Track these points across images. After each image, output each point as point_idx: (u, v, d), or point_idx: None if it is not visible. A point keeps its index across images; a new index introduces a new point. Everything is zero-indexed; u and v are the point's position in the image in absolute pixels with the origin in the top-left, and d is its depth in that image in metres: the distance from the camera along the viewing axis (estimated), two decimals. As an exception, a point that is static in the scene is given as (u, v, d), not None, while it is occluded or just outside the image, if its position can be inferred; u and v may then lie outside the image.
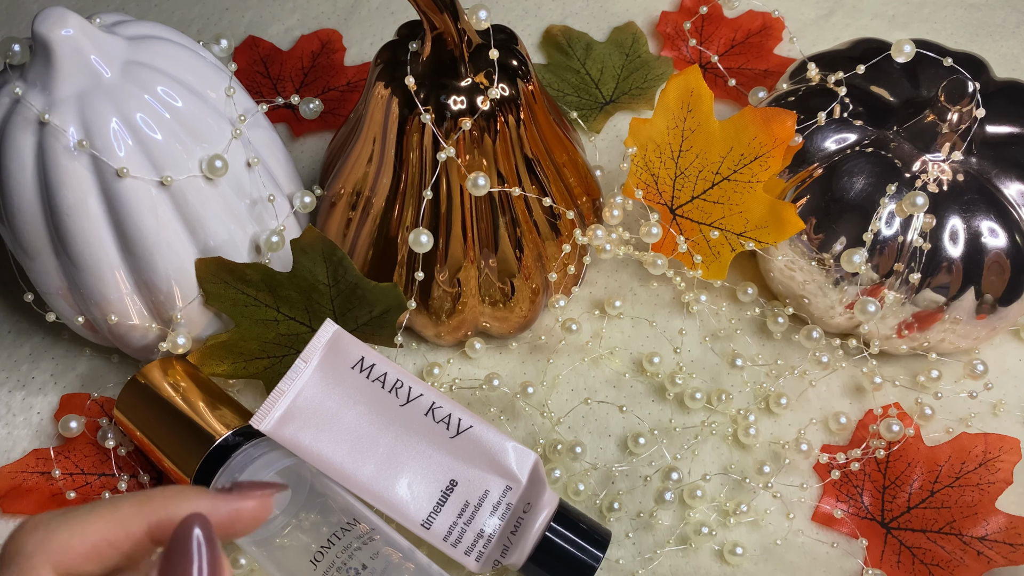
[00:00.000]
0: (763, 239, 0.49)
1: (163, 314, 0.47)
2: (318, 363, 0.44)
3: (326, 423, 0.43)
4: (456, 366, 0.52)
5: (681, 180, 0.51)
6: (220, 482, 0.42)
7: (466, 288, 0.48)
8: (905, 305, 0.47)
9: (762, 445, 0.49)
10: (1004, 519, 0.46)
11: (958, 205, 0.46)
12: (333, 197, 0.50)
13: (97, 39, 0.42)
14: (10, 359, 0.53)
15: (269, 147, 0.49)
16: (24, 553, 0.28)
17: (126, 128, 0.42)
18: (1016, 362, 0.52)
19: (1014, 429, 0.50)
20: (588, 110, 0.61)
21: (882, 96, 0.50)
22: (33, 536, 0.28)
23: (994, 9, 0.65)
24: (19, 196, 0.43)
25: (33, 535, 0.28)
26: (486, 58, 0.44)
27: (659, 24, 0.64)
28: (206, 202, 0.45)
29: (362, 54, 0.64)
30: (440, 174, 0.44)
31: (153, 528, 0.29)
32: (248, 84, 0.62)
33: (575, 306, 0.54)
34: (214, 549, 0.26)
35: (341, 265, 0.46)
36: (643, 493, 0.48)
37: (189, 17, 0.66)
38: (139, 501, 0.29)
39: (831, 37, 0.64)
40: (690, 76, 0.49)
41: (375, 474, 0.42)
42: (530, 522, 0.42)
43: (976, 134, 0.47)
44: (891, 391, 0.51)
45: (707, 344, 0.53)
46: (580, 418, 0.50)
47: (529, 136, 0.46)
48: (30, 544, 0.28)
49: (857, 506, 0.47)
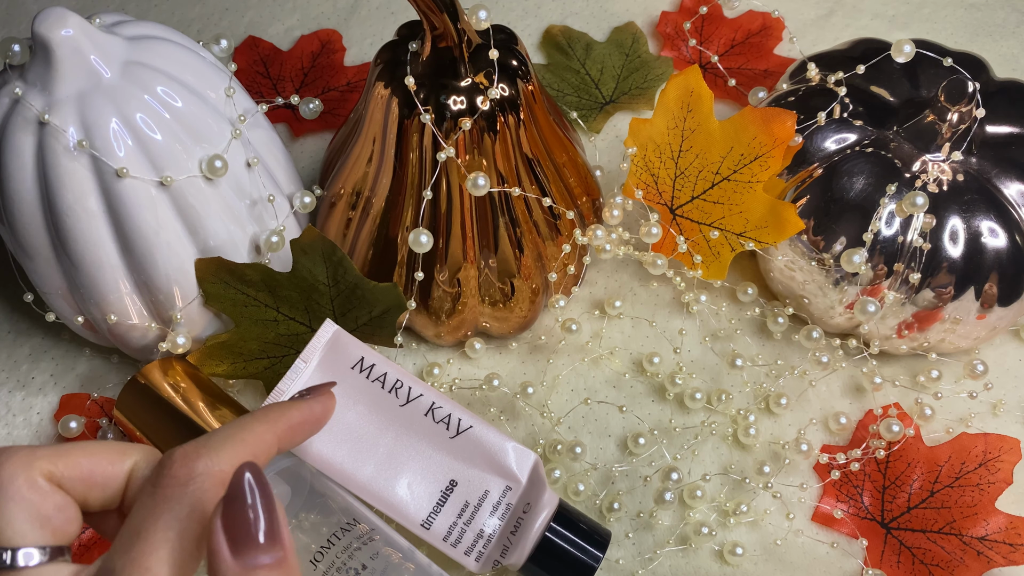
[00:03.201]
0: (763, 239, 0.49)
1: (163, 314, 0.47)
2: (318, 363, 0.44)
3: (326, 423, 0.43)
4: (456, 366, 0.52)
5: (681, 180, 0.51)
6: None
7: (466, 288, 0.48)
8: (905, 305, 0.47)
9: (762, 445, 0.49)
10: (1004, 519, 0.46)
11: (958, 205, 0.46)
12: (333, 197, 0.50)
13: (97, 39, 0.42)
14: (10, 359, 0.53)
15: (269, 147, 0.49)
16: (200, 475, 0.29)
17: (126, 128, 0.42)
18: (1016, 362, 0.52)
19: (1014, 429, 0.50)
20: (588, 110, 0.61)
21: (882, 96, 0.50)
22: (200, 460, 0.29)
23: (994, 9, 0.65)
24: (19, 196, 0.43)
25: (199, 459, 0.29)
26: (486, 58, 0.44)
27: (659, 24, 0.64)
28: (206, 202, 0.45)
29: (362, 54, 0.64)
30: (440, 174, 0.44)
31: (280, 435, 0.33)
32: (248, 84, 0.62)
33: (575, 306, 0.54)
34: (266, 489, 0.28)
35: (341, 265, 0.46)
36: (643, 493, 0.48)
37: (189, 17, 0.66)
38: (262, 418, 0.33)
39: (831, 37, 0.64)
40: (690, 76, 0.49)
41: (375, 474, 0.42)
42: (530, 522, 0.42)
43: (976, 134, 0.47)
44: (891, 391, 0.51)
45: (707, 344, 0.53)
46: (580, 418, 0.50)
47: (529, 136, 0.46)
48: (200, 466, 0.29)
49: (857, 506, 0.47)
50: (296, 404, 0.36)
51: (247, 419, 0.33)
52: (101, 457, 0.31)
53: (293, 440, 0.35)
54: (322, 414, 0.38)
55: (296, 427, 0.35)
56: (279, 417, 0.34)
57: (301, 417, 0.35)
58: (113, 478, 0.31)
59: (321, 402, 0.38)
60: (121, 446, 0.32)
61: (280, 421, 0.34)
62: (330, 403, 0.39)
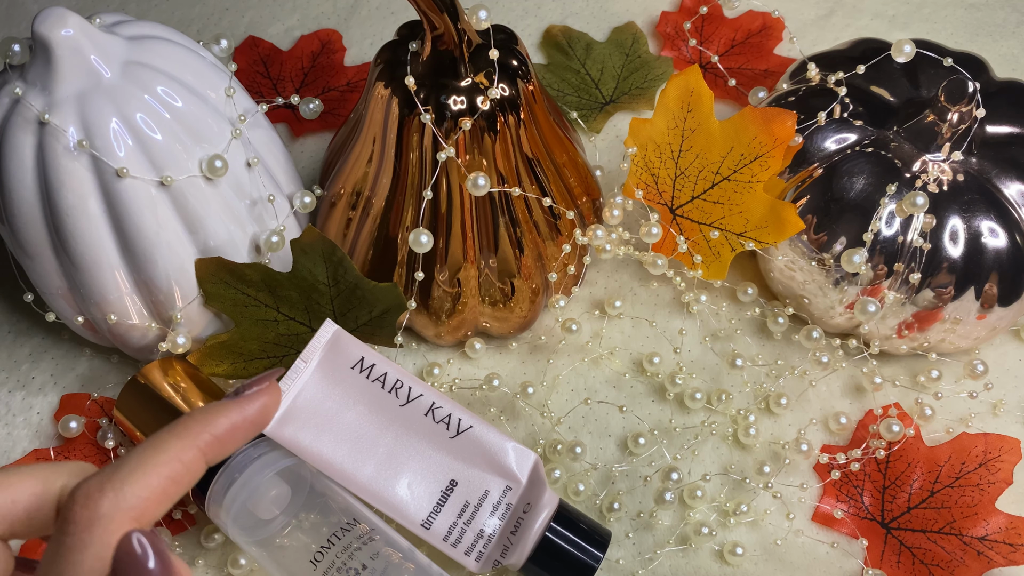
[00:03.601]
0: (763, 239, 0.49)
1: (163, 314, 0.47)
2: (318, 363, 0.44)
3: (326, 423, 0.43)
4: (456, 366, 0.52)
5: (681, 180, 0.51)
6: (219, 482, 0.42)
7: (466, 288, 0.48)
8: (905, 305, 0.47)
9: (762, 445, 0.49)
10: (1004, 519, 0.46)
11: (958, 205, 0.46)
12: (333, 197, 0.50)
13: (97, 39, 0.42)
14: (10, 359, 0.53)
15: (269, 147, 0.49)
16: (103, 516, 0.26)
17: (126, 128, 0.42)
18: (1016, 362, 0.52)
19: (1014, 429, 0.50)
20: (588, 110, 0.61)
21: (882, 96, 0.50)
22: (104, 499, 0.27)
23: (994, 9, 0.65)
24: (19, 196, 0.43)
25: (103, 498, 0.27)
26: (486, 58, 0.44)
27: (659, 24, 0.64)
28: (206, 202, 0.45)
29: (362, 54, 0.64)
30: (440, 174, 0.44)
31: (204, 449, 0.30)
32: (248, 84, 0.62)
33: (575, 306, 0.54)
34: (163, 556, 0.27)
35: (341, 265, 0.46)
36: (643, 493, 0.48)
37: (189, 17, 0.66)
38: (180, 433, 0.29)
39: (831, 37, 0.64)
40: (690, 76, 0.49)
41: (375, 474, 0.42)
42: (530, 522, 0.42)
43: (976, 134, 0.47)
44: (891, 391, 0.51)
45: (707, 344, 0.53)
46: (580, 418, 0.50)
47: (529, 136, 0.46)
48: (104, 506, 0.26)
49: (857, 506, 0.47)
50: (225, 409, 0.32)
51: (162, 436, 0.29)
52: (22, 487, 0.29)
53: (225, 450, 0.31)
54: (260, 415, 0.33)
55: (224, 437, 0.31)
56: (201, 429, 0.30)
57: (230, 424, 0.31)
58: (39, 508, 0.29)
59: (258, 402, 0.33)
60: (46, 470, 0.29)
61: (202, 434, 0.30)
62: (271, 400, 0.34)
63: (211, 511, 0.42)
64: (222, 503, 0.41)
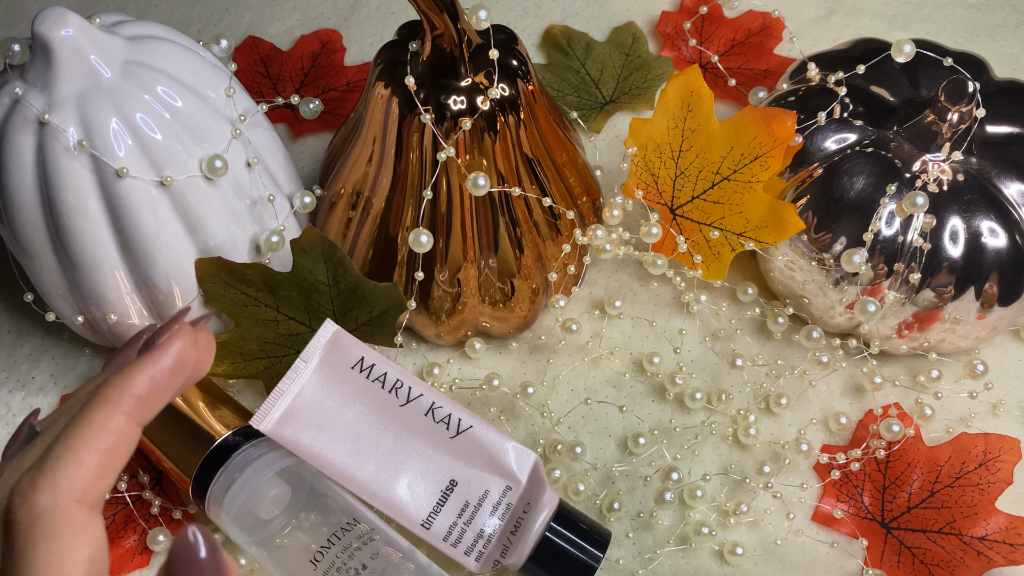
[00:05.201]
0: (763, 239, 0.49)
1: (163, 314, 0.47)
2: (318, 363, 0.44)
3: (326, 423, 0.43)
4: (456, 366, 0.52)
5: (681, 180, 0.51)
6: (219, 482, 0.42)
7: (466, 288, 0.48)
8: (905, 305, 0.47)
9: (762, 445, 0.49)
10: (1004, 519, 0.46)
11: (958, 205, 0.46)
12: (333, 197, 0.50)
13: (97, 39, 0.42)
14: (10, 359, 0.53)
15: (269, 147, 0.49)
16: (43, 510, 0.26)
17: (126, 128, 0.42)
18: (1016, 362, 0.52)
19: (1014, 429, 0.50)
20: (588, 110, 0.61)
21: (882, 96, 0.50)
22: (39, 494, 0.26)
23: (994, 9, 0.65)
24: (19, 196, 0.43)
25: (38, 493, 0.26)
26: (486, 58, 0.44)
27: (659, 24, 0.64)
28: (206, 202, 0.45)
29: (362, 54, 0.64)
30: (440, 174, 0.44)
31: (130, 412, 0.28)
32: (248, 84, 0.62)
33: (575, 306, 0.54)
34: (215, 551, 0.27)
35: (341, 265, 0.46)
36: (643, 493, 0.48)
37: (189, 17, 0.66)
38: (99, 404, 0.28)
39: (831, 37, 0.64)
40: (690, 76, 0.49)
41: (375, 474, 0.42)
42: (530, 522, 0.42)
43: (976, 134, 0.47)
44: (891, 391, 0.51)
45: (707, 344, 0.53)
46: (580, 418, 0.50)
47: (529, 136, 0.46)
48: (42, 500, 0.26)
49: (857, 506, 0.47)
50: (140, 365, 0.29)
51: (83, 411, 0.28)
52: None
53: (153, 406, 0.29)
54: (178, 362, 0.29)
55: (147, 394, 0.28)
56: (120, 393, 0.28)
57: (149, 379, 0.28)
58: None
59: (172, 349, 0.29)
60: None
61: (123, 397, 0.28)
62: (185, 343, 0.30)
63: (211, 511, 0.42)
64: (222, 503, 0.41)
